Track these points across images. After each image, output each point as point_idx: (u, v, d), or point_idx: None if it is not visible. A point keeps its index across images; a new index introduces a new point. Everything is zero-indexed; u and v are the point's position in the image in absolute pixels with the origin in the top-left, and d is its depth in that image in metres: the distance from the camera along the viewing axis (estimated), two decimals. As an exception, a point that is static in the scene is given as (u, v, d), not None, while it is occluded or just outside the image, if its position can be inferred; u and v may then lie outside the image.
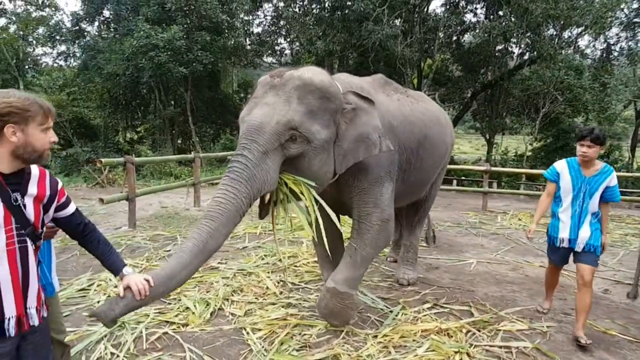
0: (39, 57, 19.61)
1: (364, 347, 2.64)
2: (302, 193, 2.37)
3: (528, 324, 3.00)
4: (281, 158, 2.28)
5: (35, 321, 1.41)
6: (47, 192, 1.44)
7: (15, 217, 1.33)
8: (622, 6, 13.78)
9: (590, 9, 10.48)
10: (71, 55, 18.34)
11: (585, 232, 2.84)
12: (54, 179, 1.49)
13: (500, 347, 2.66)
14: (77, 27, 16.82)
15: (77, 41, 17.16)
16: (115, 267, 1.64)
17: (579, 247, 2.86)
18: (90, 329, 2.88)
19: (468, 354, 2.53)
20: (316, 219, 2.38)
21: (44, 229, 1.45)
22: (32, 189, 1.39)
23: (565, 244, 2.92)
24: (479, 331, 2.87)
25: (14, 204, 1.33)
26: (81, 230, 1.59)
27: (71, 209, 1.55)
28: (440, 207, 7.95)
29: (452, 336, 2.76)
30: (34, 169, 1.43)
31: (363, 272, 2.91)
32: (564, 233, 2.90)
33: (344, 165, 2.54)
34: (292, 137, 2.27)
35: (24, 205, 1.36)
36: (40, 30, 18.13)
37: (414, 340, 2.72)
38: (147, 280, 1.66)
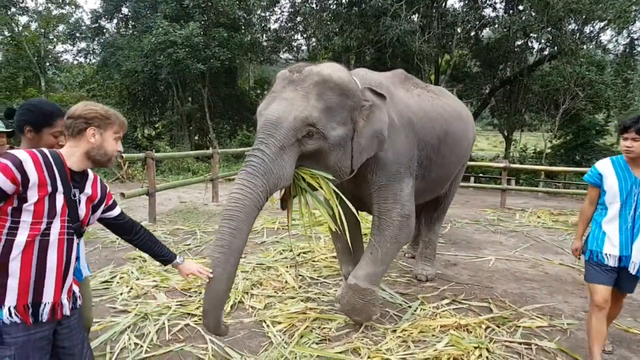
0: (59, 55, 20.05)
1: (383, 342, 2.66)
2: (320, 187, 2.39)
3: (548, 321, 2.97)
4: (297, 153, 2.30)
5: (66, 310, 1.50)
6: (99, 195, 1.60)
7: (69, 210, 1.46)
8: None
9: (614, 3, 10.21)
10: (91, 52, 18.72)
11: None
12: (103, 184, 1.65)
13: (520, 343, 2.65)
14: (96, 25, 17.14)
15: (96, 38, 17.50)
16: (168, 257, 1.82)
17: (634, 268, 2.26)
18: (114, 320, 2.97)
19: (487, 350, 2.53)
20: (338, 213, 2.40)
21: (87, 228, 1.59)
22: (88, 189, 1.55)
23: (614, 262, 2.29)
24: (498, 327, 2.86)
25: (73, 198, 1.47)
26: (130, 229, 1.74)
27: (117, 210, 1.70)
28: (457, 204, 7.89)
29: (471, 332, 2.76)
30: (90, 173, 1.59)
31: (385, 268, 2.92)
32: (611, 248, 2.29)
33: (360, 161, 2.56)
34: (309, 133, 2.29)
35: (79, 202, 1.50)
36: (61, 27, 18.56)
37: (433, 335, 2.73)
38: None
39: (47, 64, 18.63)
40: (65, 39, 18.27)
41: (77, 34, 17.48)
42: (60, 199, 1.42)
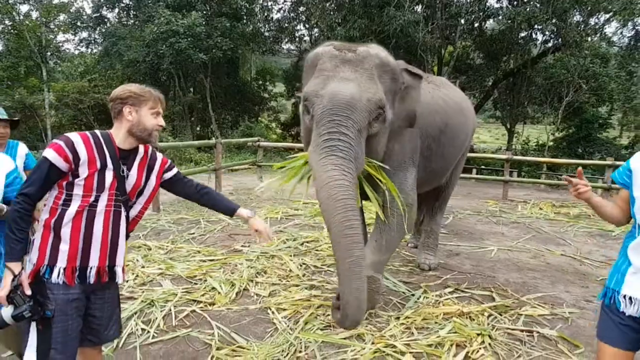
0: (61, 44, 19.97)
1: (387, 328, 2.70)
2: (377, 173, 2.45)
3: (550, 310, 3.01)
4: (365, 137, 2.27)
5: (119, 279, 1.66)
6: (146, 167, 1.71)
7: (118, 184, 1.59)
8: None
9: (620, -7, 10.14)
10: (92, 41, 18.64)
11: None
12: (155, 154, 1.77)
13: (522, 330, 2.69)
14: (97, 14, 17.06)
15: (98, 28, 17.41)
16: (231, 208, 1.89)
17: None
18: (121, 306, 3.01)
19: (490, 336, 2.57)
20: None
21: (139, 204, 1.71)
22: (136, 165, 1.66)
23: (636, 311, 1.50)
24: (501, 315, 2.89)
25: (121, 174, 1.60)
26: (191, 184, 1.86)
27: (174, 170, 1.83)
28: (460, 195, 7.90)
29: (473, 319, 2.80)
30: (141, 151, 1.70)
31: (389, 256, 2.95)
32: (635, 289, 1.51)
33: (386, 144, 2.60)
34: (377, 116, 2.28)
35: (127, 177, 1.62)
36: (62, 17, 18.44)
37: (436, 323, 2.76)
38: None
39: (49, 53, 18.56)
40: (67, 29, 18.19)
41: (79, 23, 17.42)
42: (109, 175, 1.56)
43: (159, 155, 1.79)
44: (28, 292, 1.49)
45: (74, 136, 1.53)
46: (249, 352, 2.46)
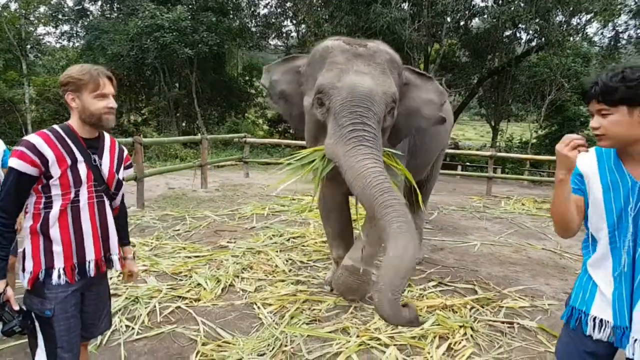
0: (41, 37, 19.50)
1: (372, 321, 2.73)
2: (394, 163, 2.50)
3: (530, 302, 3.09)
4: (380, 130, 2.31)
5: (117, 266, 1.67)
6: (116, 156, 1.66)
7: (94, 175, 1.55)
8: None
9: (601, -6, 10.36)
10: (74, 35, 18.26)
11: None
12: (121, 146, 1.73)
13: (503, 322, 2.75)
14: (79, 7, 16.70)
15: (80, 21, 17.06)
16: (121, 240, 1.77)
17: (631, 352, 1.28)
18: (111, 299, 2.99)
19: (472, 328, 2.62)
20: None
21: (119, 190, 1.68)
22: (106, 153, 1.62)
23: (602, 334, 1.33)
24: (483, 307, 2.96)
25: (94, 164, 1.56)
26: (120, 198, 1.76)
27: (127, 173, 1.75)
28: (445, 191, 8.01)
29: (456, 312, 2.86)
30: (107, 138, 1.65)
31: (379, 248, 3.00)
32: (601, 311, 1.34)
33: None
34: (391, 110, 2.33)
35: (101, 165, 1.58)
36: (42, 9, 17.99)
37: (419, 315, 2.80)
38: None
39: (29, 46, 18.11)
40: (47, 21, 17.77)
41: (60, 16, 17.03)
42: (83, 168, 1.52)
43: (125, 149, 1.75)
44: (16, 307, 1.47)
45: (34, 138, 1.45)
46: (234, 347, 2.46)
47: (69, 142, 1.50)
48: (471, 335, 2.55)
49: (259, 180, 8.79)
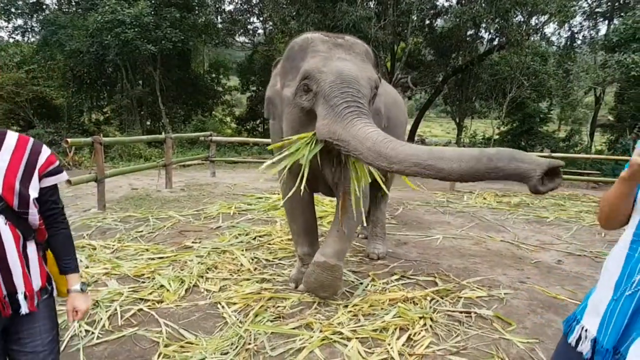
0: (-8, 32, 18.46)
1: (335, 316, 2.77)
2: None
3: (487, 292, 3.21)
4: None
5: (24, 309, 1.32)
6: (23, 162, 1.29)
7: None
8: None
9: (555, -3, 10.81)
10: (29, 30, 17.37)
11: None
12: (36, 148, 1.34)
13: (461, 312, 2.86)
14: (34, 0, 15.90)
15: (35, 15, 16.25)
16: (65, 266, 1.47)
17: None
18: (61, 309, 2.88)
19: (431, 319, 2.71)
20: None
21: (27, 208, 1.30)
22: (3, 157, 1.27)
23: (584, 348, 1.21)
24: (442, 299, 3.06)
25: None
26: (55, 212, 1.42)
27: (59, 179, 1.40)
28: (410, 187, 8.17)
29: (417, 304, 2.94)
30: (10, 139, 1.30)
31: (349, 244, 3.08)
32: (590, 322, 1.22)
33: None
34: (373, 96, 2.43)
35: None
36: (-7, 2, 17.03)
37: (382, 309, 2.87)
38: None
39: (-22, 41, 17.13)
40: (-1, 15, 16.81)
41: (13, 10, 16.14)
42: None
43: (45, 151, 1.35)
44: None
45: None
46: (197, 347, 2.45)
47: None
48: (430, 326, 2.64)
49: (225, 179, 8.70)
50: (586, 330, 1.21)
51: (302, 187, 2.50)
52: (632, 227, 1.17)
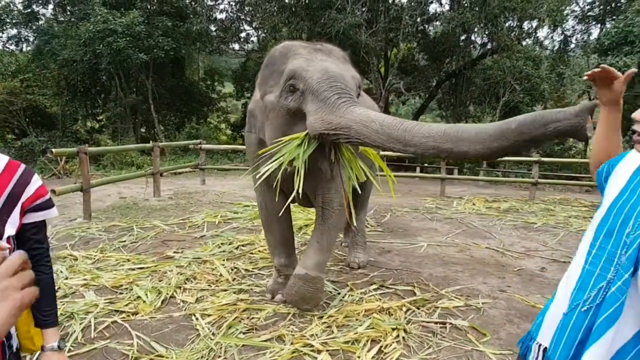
0: (-14, 42, 18.46)
1: (309, 328, 2.74)
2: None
3: (464, 301, 3.18)
4: None
5: None
6: (6, 192, 1.12)
7: None
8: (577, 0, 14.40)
9: (544, 2, 10.87)
10: (23, 39, 17.42)
11: None
12: (26, 175, 1.16)
13: (436, 323, 2.83)
14: (29, 10, 15.97)
15: (29, 25, 16.31)
16: (42, 319, 1.25)
17: None
18: None
19: (405, 330, 2.68)
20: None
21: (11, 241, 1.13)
22: None
23: None
24: (418, 309, 3.03)
25: None
26: (39, 253, 1.23)
27: (48, 214, 1.22)
28: (400, 193, 8.16)
29: (392, 314, 2.91)
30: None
31: (329, 255, 3.07)
32: (546, 338, 1.15)
33: None
34: (358, 95, 2.44)
35: None
36: (-12, 12, 17.07)
37: (356, 320, 2.84)
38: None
39: (-27, 51, 17.13)
40: (-7, 25, 16.85)
41: (7, 20, 16.20)
42: None
43: (35, 181, 1.18)
44: None
45: None
46: (167, 360, 2.42)
47: None
48: (403, 337, 2.61)
49: (215, 186, 8.68)
50: (544, 348, 1.15)
51: (276, 195, 2.50)
52: (589, 239, 1.11)
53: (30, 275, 0.63)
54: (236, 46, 17.19)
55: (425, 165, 13.96)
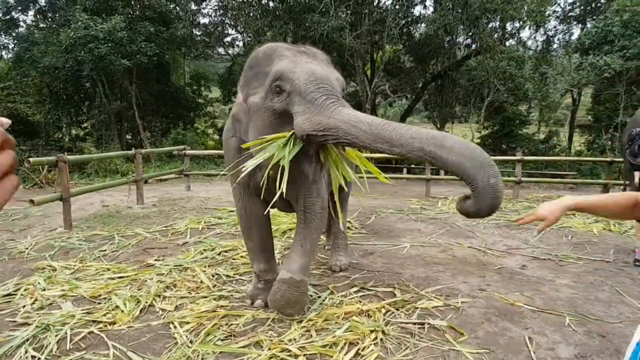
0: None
1: (287, 332, 2.73)
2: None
3: (444, 301, 3.19)
4: None
5: None
6: None
7: None
8: (558, 1, 14.64)
9: (524, 3, 11.03)
10: (2, 47, 17.17)
11: None
12: None
13: (415, 324, 2.83)
14: (8, 17, 15.74)
15: (9, 31, 16.07)
16: None
17: None
18: (12, 334, 2.81)
19: (383, 332, 2.68)
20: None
21: None
22: None
23: None
24: (398, 310, 3.03)
25: None
26: None
27: None
28: (386, 194, 8.20)
29: (371, 316, 2.91)
30: None
31: (313, 257, 3.09)
32: None
33: None
34: (342, 97, 2.44)
35: None
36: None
37: (336, 323, 2.83)
38: None
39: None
40: (-28, 32, 16.58)
41: (-14, 27, 15.96)
42: None
43: None
44: None
45: None
46: (142, 370, 2.39)
47: None
48: (381, 339, 2.61)
49: (200, 192, 8.62)
50: None
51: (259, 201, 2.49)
52: None
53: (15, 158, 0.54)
54: (221, 50, 17.12)
55: (413, 166, 14.02)
